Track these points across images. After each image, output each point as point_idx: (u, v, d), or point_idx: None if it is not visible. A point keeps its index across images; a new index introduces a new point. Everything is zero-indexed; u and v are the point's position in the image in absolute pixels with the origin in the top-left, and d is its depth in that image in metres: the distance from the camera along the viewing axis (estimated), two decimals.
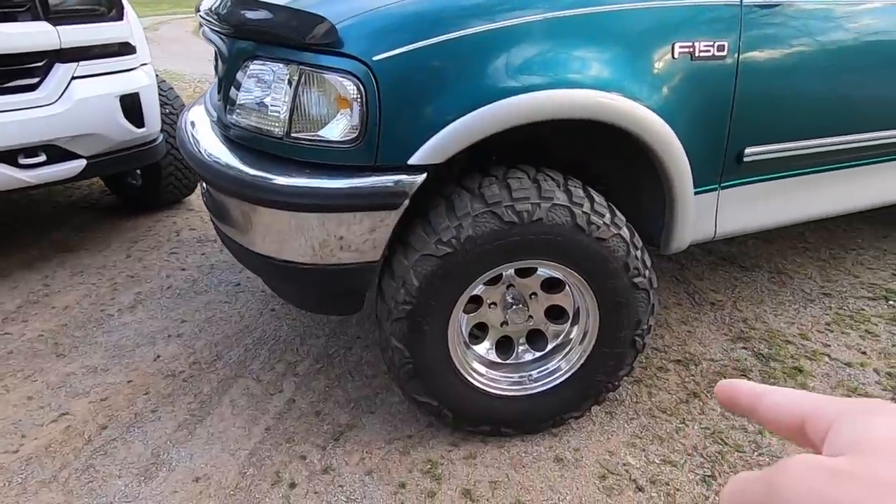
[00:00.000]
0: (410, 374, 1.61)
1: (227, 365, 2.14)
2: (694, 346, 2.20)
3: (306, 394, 1.99)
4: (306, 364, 2.14)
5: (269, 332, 2.32)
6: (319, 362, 2.15)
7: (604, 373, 1.70)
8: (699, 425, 1.83)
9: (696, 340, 2.23)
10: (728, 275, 2.69)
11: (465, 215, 1.46)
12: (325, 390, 2.01)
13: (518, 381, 1.73)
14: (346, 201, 1.40)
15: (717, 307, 2.44)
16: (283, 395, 1.98)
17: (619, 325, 1.63)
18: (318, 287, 1.58)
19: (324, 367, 2.13)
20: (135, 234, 3.23)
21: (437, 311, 1.53)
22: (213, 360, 2.17)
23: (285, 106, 1.43)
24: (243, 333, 2.32)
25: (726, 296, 2.52)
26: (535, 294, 1.69)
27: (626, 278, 1.57)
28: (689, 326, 2.31)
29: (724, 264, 2.78)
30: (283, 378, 2.07)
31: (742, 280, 2.64)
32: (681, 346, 2.20)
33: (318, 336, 2.30)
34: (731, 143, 1.75)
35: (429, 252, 1.47)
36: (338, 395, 1.98)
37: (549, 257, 1.53)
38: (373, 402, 1.95)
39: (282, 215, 1.45)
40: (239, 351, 2.22)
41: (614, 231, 1.53)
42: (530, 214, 1.46)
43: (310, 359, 2.17)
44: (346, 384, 2.03)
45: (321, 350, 2.22)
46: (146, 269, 2.86)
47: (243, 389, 2.02)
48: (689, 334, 2.27)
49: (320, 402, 1.95)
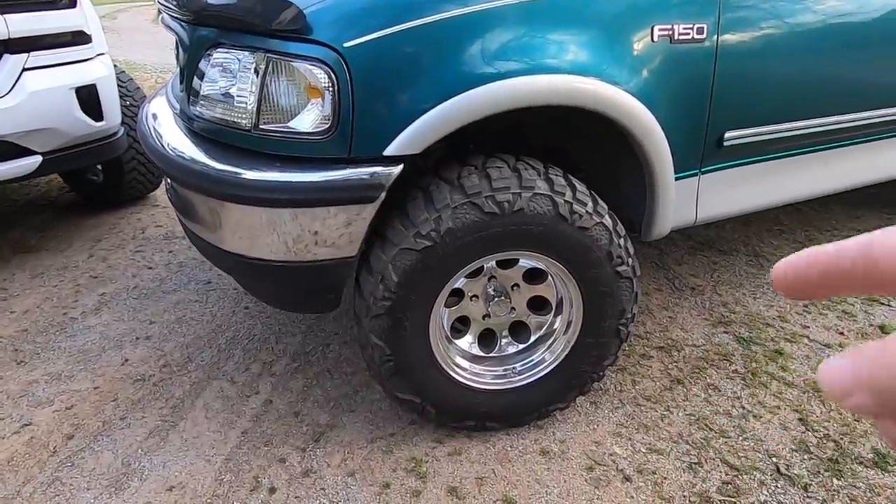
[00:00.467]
0: (391, 371, 1.56)
1: (199, 367, 2.06)
2: (676, 332, 2.19)
3: (284, 394, 1.93)
4: (283, 363, 2.07)
5: (243, 331, 2.25)
6: (296, 361, 2.09)
7: (589, 363, 1.68)
8: (683, 412, 1.82)
9: (677, 326, 2.22)
10: (707, 259, 2.69)
11: (445, 207, 1.41)
12: (303, 390, 1.95)
13: (502, 375, 1.70)
14: (320, 195, 1.33)
15: (698, 292, 2.44)
16: (260, 397, 1.92)
17: (602, 315, 1.61)
18: (292, 285, 1.52)
19: (301, 365, 2.06)
20: (98, 232, 3.10)
21: (418, 307, 1.48)
22: (184, 362, 2.09)
23: (252, 96, 1.35)
24: (216, 333, 2.24)
25: (706, 280, 2.52)
26: (518, 285, 1.65)
27: (610, 267, 1.54)
28: (671, 312, 2.31)
29: (703, 248, 2.78)
30: (258, 379, 2.00)
31: (721, 264, 2.64)
32: (663, 333, 2.19)
33: (294, 333, 2.23)
34: (711, 128, 1.73)
35: (407, 246, 1.42)
36: (316, 395, 1.92)
37: (532, 248, 1.49)
38: (353, 400, 1.90)
39: (252, 211, 1.37)
40: (211, 352, 2.14)
41: (597, 220, 1.49)
42: (511, 205, 1.41)
43: (286, 357, 2.10)
44: (324, 382, 1.98)
45: (298, 348, 2.15)
46: (110, 268, 2.75)
47: (217, 392, 1.94)
48: (670, 320, 2.26)
49: (299, 402, 1.89)
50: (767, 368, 1.99)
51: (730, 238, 2.88)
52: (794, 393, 1.88)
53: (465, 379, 1.65)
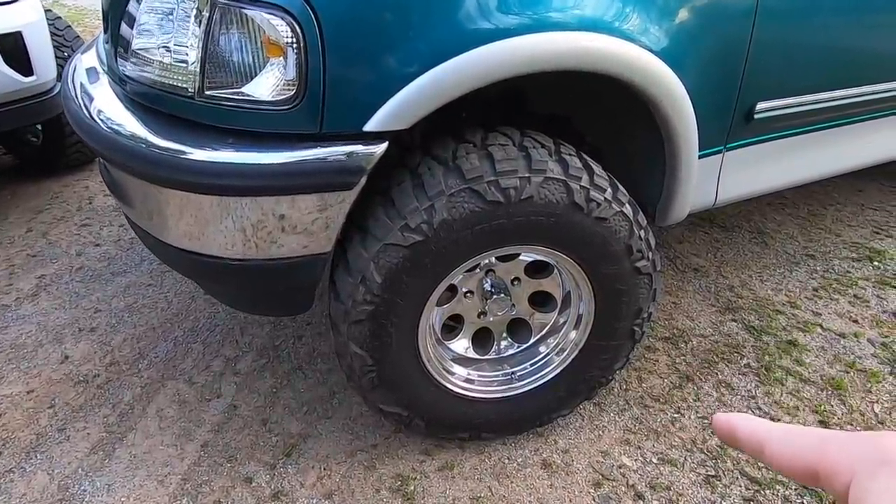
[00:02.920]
0: (374, 382, 1.34)
1: (152, 365, 1.82)
2: (681, 321, 2.01)
3: (250, 397, 1.70)
4: (248, 359, 1.84)
5: (203, 321, 2.00)
6: (264, 356, 1.85)
7: (598, 367, 1.48)
8: (695, 414, 1.65)
9: (682, 314, 2.05)
10: (708, 236, 2.51)
11: (439, 194, 1.16)
12: (271, 392, 1.72)
13: (500, 380, 1.50)
14: (284, 182, 1.07)
15: (701, 274, 2.26)
16: (222, 401, 1.69)
17: (616, 315, 1.40)
18: (253, 286, 1.27)
19: (269, 362, 1.83)
20: (38, 202, 2.76)
21: (405, 311, 1.26)
22: (134, 359, 1.84)
23: (195, 52, 1.07)
24: (171, 323, 1.98)
25: (709, 260, 2.34)
26: (518, 279, 1.43)
27: (628, 263, 1.32)
28: (675, 297, 2.13)
29: (704, 225, 2.59)
30: (221, 379, 1.76)
31: (724, 242, 2.46)
32: (668, 321, 2.01)
33: (260, 323, 1.99)
34: (742, 98, 1.50)
35: (393, 241, 1.18)
36: (287, 398, 1.70)
37: (541, 242, 1.26)
38: (329, 404, 1.68)
39: (199, 200, 1.11)
40: (167, 346, 1.89)
41: (616, 208, 1.27)
42: (518, 191, 1.17)
43: (253, 353, 1.87)
44: (296, 383, 1.75)
45: (266, 341, 1.91)
46: (51, 245, 2.44)
47: (173, 395, 1.71)
48: (674, 306, 2.08)
49: (267, 407, 1.67)
50: (781, 362, 1.83)
51: (730, 213, 2.69)
52: (811, 391, 1.72)
53: (459, 387, 1.45)
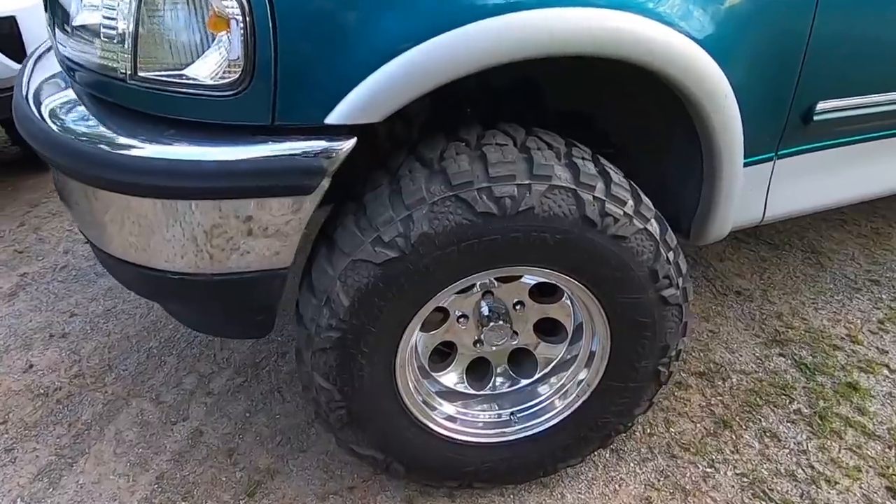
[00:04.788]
0: (343, 420, 1.14)
1: (119, 379, 1.65)
2: (720, 353, 1.75)
3: (219, 422, 1.52)
4: (224, 377, 1.66)
5: (182, 332, 1.83)
6: (241, 374, 1.67)
7: (614, 412, 1.25)
8: (734, 470, 1.39)
9: (721, 344, 1.78)
10: (754, 255, 2.23)
11: (418, 203, 0.95)
12: (244, 417, 1.53)
13: (497, 422, 1.27)
14: (227, 183, 0.88)
15: (745, 297, 1.99)
16: (188, 425, 1.51)
17: (637, 353, 1.16)
18: (203, 304, 1.08)
19: (246, 381, 1.65)
20: (35, 195, 2.66)
21: (379, 340, 1.05)
22: (102, 371, 1.68)
23: (126, 25, 0.88)
24: (148, 332, 1.82)
25: (754, 282, 2.07)
26: (522, 304, 1.21)
27: (653, 291, 1.09)
28: (712, 324, 1.86)
29: (749, 241, 2.31)
30: (191, 399, 1.59)
31: (771, 262, 2.18)
32: (703, 353, 1.75)
33: None
34: (800, 96, 1.25)
35: (363, 257, 0.97)
36: (260, 425, 1.51)
37: (543, 263, 1.04)
38: (305, 434, 1.48)
39: (134, 204, 0.93)
40: (139, 358, 1.72)
41: (639, 225, 1.03)
42: (516, 202, 0.96)
43: (230, 370, 1.69)
44: (272, 407, 1.56)
45: (246, 356, 1.73)
46: (41, 241, 2.32)
47: (136, 416, 1.54)
48: (712, 335, 1.82)
49: (236, 434, 1.48)
50: (839, 410, 1.55)
51: (780, 229, 2.40)
52: (877, 448, 1.45)
53: (445, 428, 1.23)
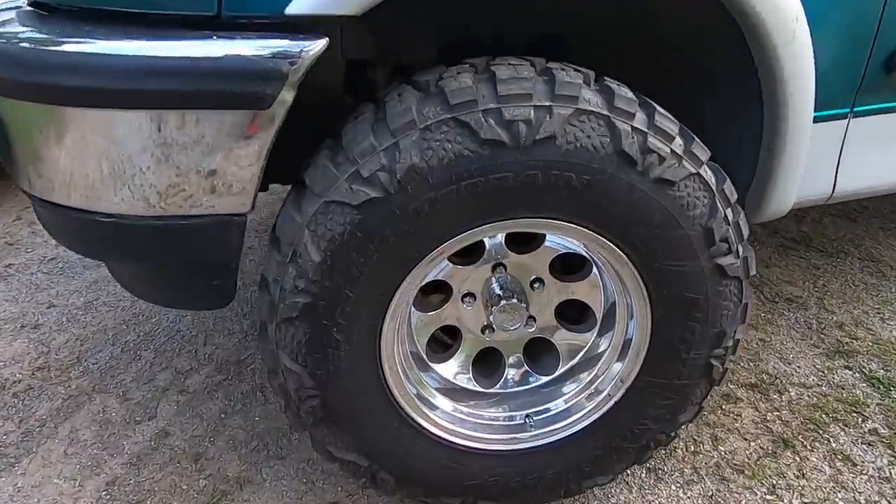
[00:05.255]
0: (316, 414, 0.93)
1: (86, 372, 1.47)
2: (773, 363, 1.49)
3: (189, 422, 1.32)
4: (203, 374, 1.46)
5: (165, 325, 1.65)
6: (222, 372, 1.47)
7: (654, 417, 1.01)
8: (800, 498, 1.13)
9: (774, 354, 1.53)
10: (805, 262, 1.97)
11: (407, 127, 0.76)
12: (219, 418, 1.33)
13: (507, 426, 1.04)
14: (160, 85, 0.70)
15: (798, 305, 1.73)
16: (154, 425, 1.31)
17: (686, 341, 0.93)
18: (148, 262, 0.89)
19: (228, 378, 1.45)
20: None
21: (359, 309, 0.84)
22: (70, 364, 1.50)
23: None
24: (128, 325, 1.65)
25: (807, 290, 1.81)
26: (541, 282, 0.99)
27: (707, 258, 0.87)
28: (763, 333, 1.61)
29: (798, 247, 2.06)
30: (162, 396, 1.40)
31: (826, 269, 1.92)
32: (754, 363, 1.50)
33: (231, 332, 1.62)
34: (882, 39, 1.04)
35: (338, 198, 0.78)
36: (235, 427, 1.30)
37: (567, 214, 0.83)
38: (286, 440, 1.27)
39: (52, 118, 0.75)
40: (112, 351, 1.54)
41: (690, 168, 0.82)
42: (532, 128, 0.76)
43: (211, 366, 1.49)
44: (252, 409, 1.36)
45: (230, 353, 1.54)
46: (34, 234, 2.19)
47: (97, 412, 1.35)
48: (763, 344, 1.57)
49: (207, 436, 1.28)
50: None
51: (832, 236, 2.14)
52: None
53: (445, 431, 1.01)
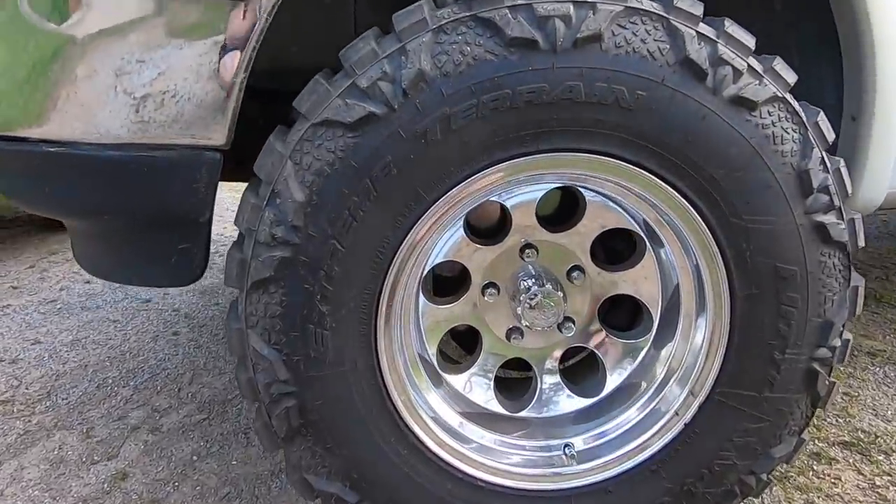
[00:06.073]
0: (291, 422, 0.71)
1: (53, 407, 1.28)
2: (868, 420, 1.22)
3: (154, 464, 1.10)
4: (181, 413, 1.26)
5: (153, 363, 1.47)
6: (204, 411, 1.26)
7: (738, 449, 0.76)
8: None
9: (866, 410, 1.25)
10: (879, 316, 1.71)
11: (416, 28, 0.62)
12: (189, 461, 1.11)
13: (542, 458, 0.81)
14: None
15: (884, 360, 1.46)
16: (112, 466, 1.09)
17: (779, 332, 0.71)
18: (96, 211, 0.74)
19: (208, 419, 1.24)
20: (58, 247, 2.49)
21: (351, 268, 0.66)
22: (38, 398, 1.32)
23: None
24: (112, 362, 1.47)
25: (890, 344, 1.55)
26: (580, 270, 0.80)
27: (802, 211, 0.67)
28: (846, 386, 1.34)
29: (868, 304, 1.80)
30: (131, 434, 1.19)
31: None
32: (844, 419, 1.22)
33: (223, 371, 1.43)
34: None
35: (329, 116, 0.62)
36: (206, 472, 1.08)
37: (615, 143, 0.65)
38: (264, 487, 1.03)
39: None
40: (88, 387, 1.36)
41: (774, 90, 0.65)
42: (572, 27, 0.61)
43: (192, 405, 1.29)
44: (230, 451, 1.13)
45: (217, 392, 1.34)
46: (41, 280, 2.09)
47: (54, 449, 1.14)
48: (850, 399, 1.29)
49: (171, 481, 1.05)
50: None
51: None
52: None
53: (462, 458, 0.77)
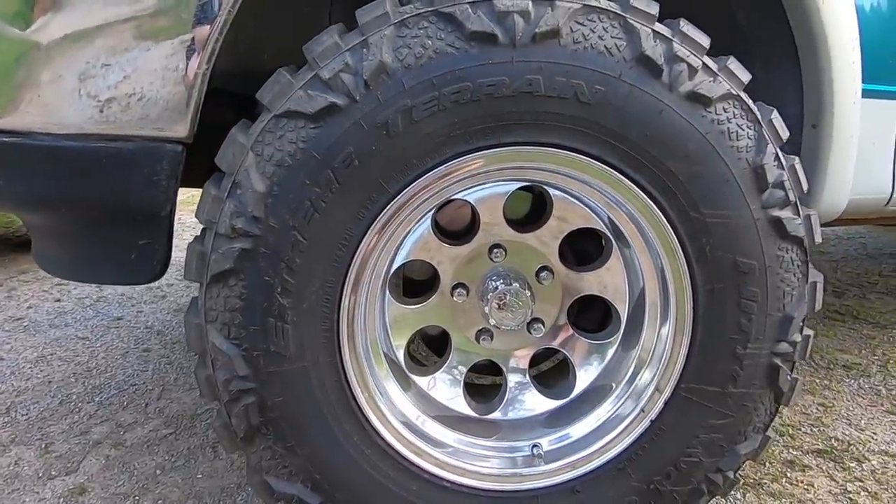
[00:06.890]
0: (251, 420, 0.70)
1: (12, 422, 1.24)
2: (841, 428, 1.22)
3: (115, 479, 1.06)
4: (147, 428, 1.22)
5: (121, 379, 1.43)
6: (171, 426, 1.23)
7: (704, 445, 0.75)
8: None
9: (840, 419, 1.25)
10: (855, 332, 1.73)
11: (379, 21, 0.63)
12: (152, 475, 1.07)
13: (508, 458, 0.79)
14: None
15: (858, 372, 1.47)
16: (70, 481, 1.05)
17: (739, 326, 0.72)
18: (51, 206, 0.72)
19: (174, 433, 1.20)
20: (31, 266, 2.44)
21: (313, 261, 0.66)
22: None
23: None
24: (77, 379, 1.43)
25: (865, 358, 1.56)
26: (548, 271, 0.80)
27: (759, 207, 0.68)
28: (821, 398, 1.34)
29: (845, 320, 1.82)
30: (92, 449, 1.15)
31: (882, 339, 1.67)
32: (817, 428, 1.22)
33: (193, 386, 1.40)
34: None
35: (291, 107, 0.63)
36: (170, 487, 1.04)
37: (574, 136, 0.66)
38: (230, 500, 1.00)
39: None
40: (49, 403, 1.32)
41: (728, 87, 0.67)
42: (530, 22, 0.62)
43: (158, 420, 1.25)
44: (196, 465, 1.10)
45: (186, 407, 1.30)
46: (9, 299, 2.04)
47: (10, 465, 1.10)
48: (824, 409, 1.29)
49: (132, 496, 1.02)
50: None
51: (882, 310, 1.91)
52: None
53: (427, 458, 0.76)
